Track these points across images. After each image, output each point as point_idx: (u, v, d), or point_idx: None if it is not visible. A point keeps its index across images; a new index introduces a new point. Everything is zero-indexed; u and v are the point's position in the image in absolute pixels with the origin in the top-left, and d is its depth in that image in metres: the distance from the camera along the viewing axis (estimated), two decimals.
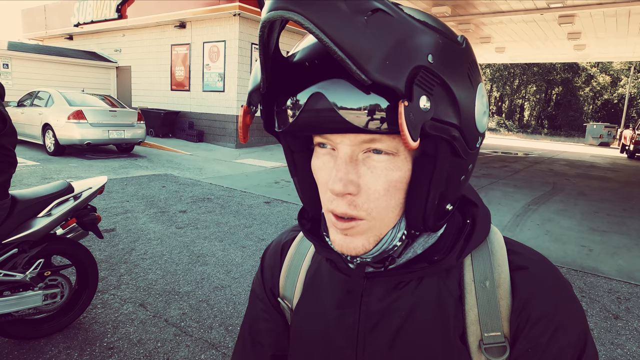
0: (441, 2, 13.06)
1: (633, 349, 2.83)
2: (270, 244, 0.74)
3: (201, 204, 6.04)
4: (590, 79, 41.10)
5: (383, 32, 0.37)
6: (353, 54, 0.36)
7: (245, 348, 0.71)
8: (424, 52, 0.39)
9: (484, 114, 0.49)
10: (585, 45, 17.74)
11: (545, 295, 0.52)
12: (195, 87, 13.60)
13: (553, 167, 12.84)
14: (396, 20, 0.38)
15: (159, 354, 2.50)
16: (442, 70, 0.40)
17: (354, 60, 0.36)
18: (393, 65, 0.37)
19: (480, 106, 0.47)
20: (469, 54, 0.47)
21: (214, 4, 12.07)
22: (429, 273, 0.53)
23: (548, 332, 0.50)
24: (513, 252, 0.55)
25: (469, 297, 0.53)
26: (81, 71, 15.84)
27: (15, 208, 2.35)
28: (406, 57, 0.38)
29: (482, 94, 0.48)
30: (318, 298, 0.62)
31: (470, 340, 0.52)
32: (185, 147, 12.22)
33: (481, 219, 0.56)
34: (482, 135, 0.50)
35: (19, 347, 2.48)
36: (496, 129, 39.99)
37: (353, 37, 0.36)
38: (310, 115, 0.44)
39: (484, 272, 0.53)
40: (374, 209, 0.48)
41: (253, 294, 0.72)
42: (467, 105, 0.44)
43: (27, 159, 9.11)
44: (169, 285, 3.39)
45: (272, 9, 0.37)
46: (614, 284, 3.89)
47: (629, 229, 5.87)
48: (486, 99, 0.49)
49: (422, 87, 0.39)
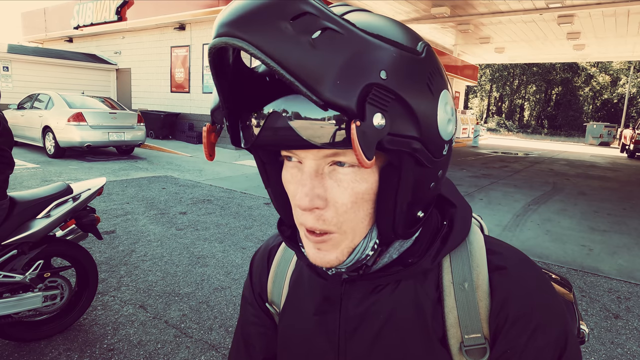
0: (440, 3, 13.08)
1: (633, 348, 2.83)
2: (259, 249, 0.74)
3: (201, 205, 6.04)
4: (590, 79, 41.11)
5: (332, 52, 0.36)
6: (302, 77, 0.36)
7: (239, 351, 0.72)
8: (376, 69, 0.38)
9: (449, 121, 0.47)
10: (584, 45, 17.76)
11: (523, 295, 0.51)
12: (195, 89, 13.61)
13: (553, 167, 12.84)
14: (346, 38, 0.37)
15: (159, 355, 2.50)
16: (397, 85, 0.39)
17: (303, 82, 0.36)
18: (344, 85, 0.37)
19: (444, 114, 0.46)
20: (430, 62, 0.45)
21: (214, 6, 12.09)
22: (405, 276, 0.53)
23: (526, 332, 0.50)
24: (492, 251, 0.54)
25: (448, 300, 0.53)
26: (81, 73, 15.87)
27: (14, 209, 2.35)
28: (357, 75, 0.37)
29: (445, 102, 0.46)
30: (300, 303, 0.62)
31: (451, 343, 0.52)
32: (185, 148, 12.23)
33: (459, 220, 0.55)
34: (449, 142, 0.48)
35: (19, 349, 2.48)
36: (496, 129, 39.99)
37: (301, 60, 0.35)
38: (270, 134, 0.43)
39: (463, 273, 0.53)
40: (344, 222, 0.47)
41: (244, 299, 0.73)
42: (427, 116, 0.43)
43: (27, 161, 9.11)
44: (169, 287, 3.39)
45: (216, 36, 0.36)
46: (614, 284, 3.89)
47: (629, 229, 5.86)
48: (451, 106, 0.48)
49: (375, 105, 0.38)
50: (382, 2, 13.28)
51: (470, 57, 22.92)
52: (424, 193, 0.50)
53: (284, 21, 0.35)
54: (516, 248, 0.57)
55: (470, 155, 15.33)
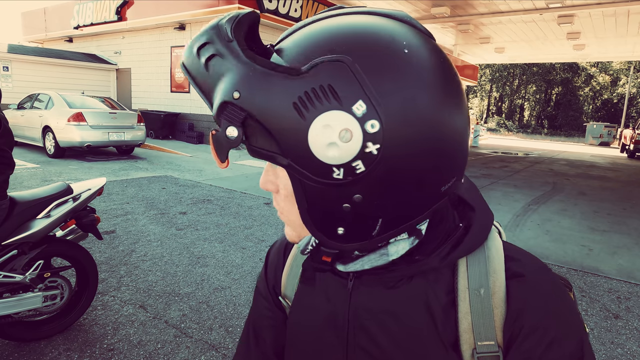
0: (440, 3, 13.09)
1: (633, 348, 2.83)
2: (275, 243, 0.75)
3: (201, 205, 6.04)
4: (590, 79, 41.12)
5: (212, 74, 0.45)
6: (204, 93, 0.46)
7: (249, 344, 0.73)
8: (230, 89, 0.44)
9: (329, 145, 0.42)
10: (584, 45, 17.76)
11: (540, 305, 0.50)
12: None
13: (553, 167, 12.84)
14: (222, 62, 0.44)
15: (159, 355, 2.50)
16: (249, 104, 0.43)
17: (206, 98, 0.46)
18: (214, 101, 0.45)
19: (320, 137, 0.42)
20: (314, 81, 0.42)
21: (214, 5, 12.09)
22: (412, 273, 0.53)
23: (542, 344, 0.49)
24: (511, 258, 0.54)
25: (462, 305, 0.52)
26: (81, 73, 15.87)
27: (14, 209, 2.35)
28: (218, 94, 0.45)
29: (326, 124, 0.42)
30: (310, 297, 0.63)
31: (464, 349, 0.52)
32: (185, 148, 12.23)
33: (478, 224, 0.54)
34: (342, 166, 0.43)
35: (19, 349, 2.48)
36: (496, 129, 40.01)
37: (201, 79, 0.46)
38: None
39: (479, 279, 0.52)
40: (284, 210, 0.53)
41: (257, 291, 0.74)
42: (289, 136, 0.43)
43: (27, 161, 9.12)
44: (169, 287, 3.39)
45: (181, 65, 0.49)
46: (614, 284, 3.89)
47: (629, 229, 5.87)
48: (332, 131, 0.42)
49: (226, 119, 0.44)
50: (382, 2, 13.28)
51: (470, 57, 22.92)
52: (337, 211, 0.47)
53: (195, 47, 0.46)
54: (535, 256, 0.56)
55: (470, 155, 15.33)
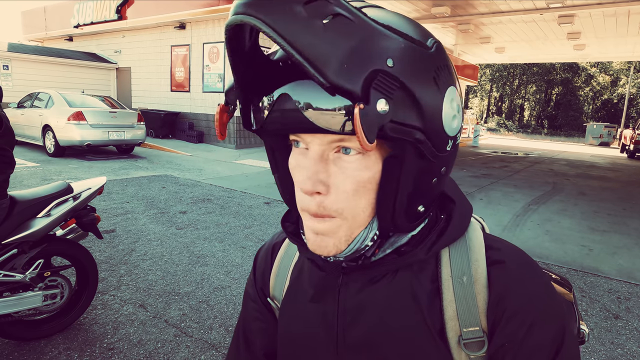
0: (441, 2, 13.07)
1: (633, 348, 2.83)
2: (263, 246, 0.75)
3: (201, 204, 6.04)
4: (590, 79, 41.10)
5: (341, 37, 0.38)
6: (310, 58, 0.37)
7: (239, 347, 0.73)
8: (383, 57, 0.39)
9: (454, 117, 0.48)
10: (584, 45, 17.74)
11: (520, 290, 0.52)
12: (195, 88, 13.60)
13: (553, 167, 12.84)
14: (356, 25, 0.39)
15: (159, 354, 2.50)
16: (403, 74, 0.40)
17: (311, 63, 0.37)
18: (350, 69, 0.38)
19: (449, 110, 0.47)
20: (439, 57, 0.46)
21: (214, 5, 12.08)
22: (400, 265, 0.54)
23: (523, 327, 0.50)
24: (491, 247, 0.55)
25: (446, 293, 0.53)
26: (81, 72, 15.85)
27: (14, 208, 2.35)
28: (364, 61, 0.39)
29: (451, 98, 0.47)
30: (300, 295, 0.64)
31: (450, 336, 0.53)
32: (185, 148, 12.22)
33: (458, 215, 0.56)
34: (453, 138, 0.49)
35: (19, 348, 2.48)
36: (496, 129, 39.98)
37: (311, 42, 0.37)
38: (278, 116, 0.45)
39: (461, 267, 0.54)
40: (344, 209, 0.49)
41: (246, 295, 0.74)
42: (431, 108, 0.44)
43: (27, 160, 9.11)
44: (169, 286, 3.39)
45: (232, 14, 0.38)
46: (614, 284, 3.89)
47: (629, 229, 5.87)
48: (457, 103, 0.49)
49: (379, 91, 0.39)
50: (382, 2, 13.28)
51: (470, 57, 22.91)
52: (425, 187, 0.50)
53: (298, 4, 0.37)
54: (515, 245, 0.57)
55: (471, 155, 15.33)
